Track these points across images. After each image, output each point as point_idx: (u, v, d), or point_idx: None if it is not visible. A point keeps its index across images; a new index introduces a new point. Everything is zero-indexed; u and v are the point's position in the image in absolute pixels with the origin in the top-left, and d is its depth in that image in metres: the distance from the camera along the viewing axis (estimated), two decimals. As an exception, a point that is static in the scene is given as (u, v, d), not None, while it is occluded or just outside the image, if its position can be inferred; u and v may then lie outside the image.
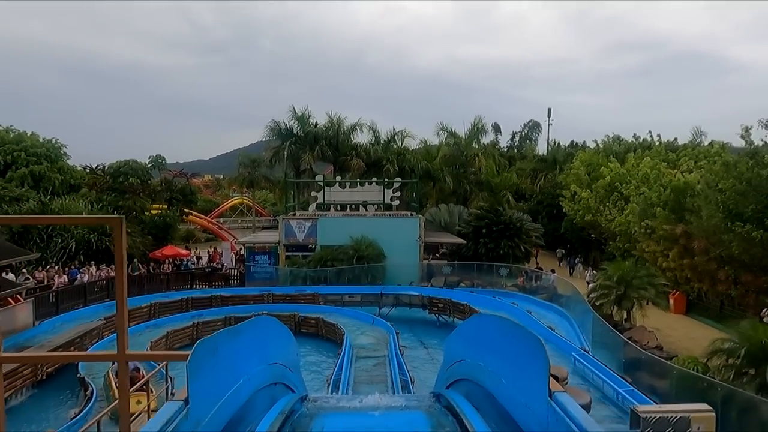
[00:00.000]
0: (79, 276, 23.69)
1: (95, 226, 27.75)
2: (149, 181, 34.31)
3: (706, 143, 37.87)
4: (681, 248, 23.69)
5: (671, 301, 24.72)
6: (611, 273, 20.22)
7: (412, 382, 13.76)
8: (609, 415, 11.85)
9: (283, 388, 4.17)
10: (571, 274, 32.44)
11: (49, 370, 16.00)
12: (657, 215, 25.15)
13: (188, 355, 2.57)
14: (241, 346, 2.85)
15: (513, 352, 2.74)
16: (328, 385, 13.50)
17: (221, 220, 64.68)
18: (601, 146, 41.87)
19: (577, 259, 33.93)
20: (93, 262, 26.21)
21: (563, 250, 41.88)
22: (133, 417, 9.28)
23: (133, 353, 2.60)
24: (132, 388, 9.34)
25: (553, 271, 29.08)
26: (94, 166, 35.38)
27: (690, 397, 12.25)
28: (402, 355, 16.06)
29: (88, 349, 17.56)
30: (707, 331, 22.55)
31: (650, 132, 40.35)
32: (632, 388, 12.17)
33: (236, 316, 21.52)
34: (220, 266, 31.43)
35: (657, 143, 38.23)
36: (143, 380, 9.26)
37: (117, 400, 9.27)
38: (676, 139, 39.64)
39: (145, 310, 21.92)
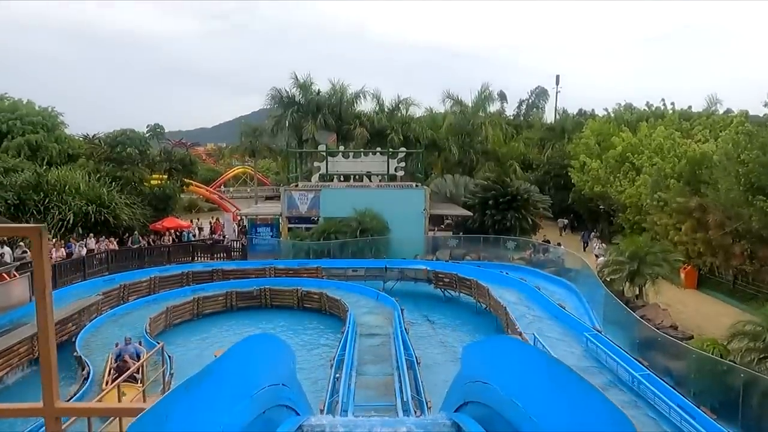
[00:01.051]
0: (76, 249, 23.19)
1: (93, 198, 27.18)
2: (148, 151, 33.50)
3: (721, 111, 36.70)
4: (695, 222, 22.96)
5: (682, 276, 24.13)
6: (624, 248, 19.55)
7: (418, 363, 13.33)
8: (625, 400, 11.35)
9: (277, 410, 3.57)
10: (584, 249, 31.57)
11: (46, 347, 15.63)
12: (670, 187, 24.33)
13: (136, 411, 1.92)
14: (207, 394, 2.22)
15: (580, 420, 2.12)
16: (332, 365, 13.08)
17: (226, 189, 64.08)
18: (612, 115, 40.66)
19: (592, 233, 32.91)
20: (92, 234, 25.71)
21: (566, 221, 41.28)
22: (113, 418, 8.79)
23: (65, 406, 1.93)
24: (120, 379, 8.88)
25: (559, 244, 28.45)
26: (92, 136, 34.62)
27: (709, 381, 11.76)
28: (407, 332, 15.62)
29: (86, 324, 17.18)
30: (719, 306, 22.06)
31: (663, 100, 39.10)
32: (648, 372, 11.64)
33: (237, 291, 21.12)
34: (222, 238, 30.97)
35: (670, 112, 37.04)
36: (131, 370, 8.74)
37: (103, 393, 8.75)
38: (690, 107, 38.41)
39: (144, 284, 21.46)
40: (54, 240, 24.17)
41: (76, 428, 8.94)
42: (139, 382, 10.16)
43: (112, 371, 10.81)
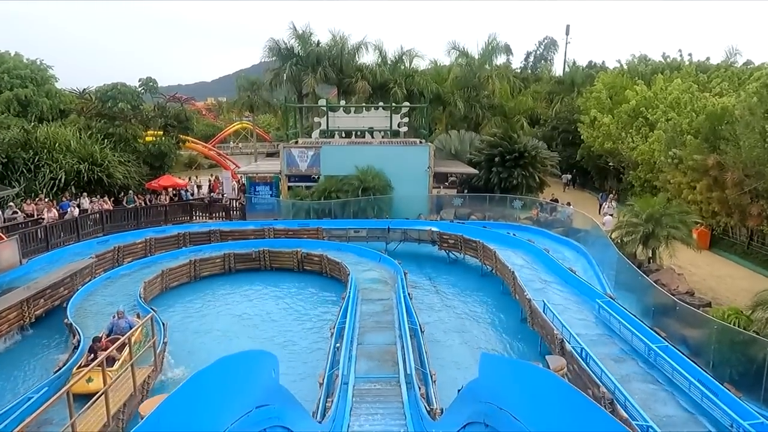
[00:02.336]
0: (69, 209, 22.45)
1: (84, 156, 26.23)
2: (141, 106, 32.22)
3: (740, 63, 34.97)
4: (711, 180, 21.96)
5: (695, 236, 23.33)
6: (639, 209, 18.64)
7: (422, 331, 12.76)
8: (637, 371, 10.77)
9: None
10: (600, 213, 30.53)
11: (37, 312, 15.13)
12: (687, 144, 23.19)
13: None
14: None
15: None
16: (332, 334, 12.52)
17: (234, 144, 62.89)
18: (626, 67, 38.89)
19: (610, 195, 31.63)
20: (85, 194, 24.94)
21: (569, 176, 40.31)
22: (91, 402, 8.14)
23: None
24: (93, 364, 8.21)
25: (569, 203, 27.55)
26: (82, 90, 33.32)
27: (728, 352, 11.14)
28: (411, 298, 14.99)
29: (79, 289, 16.62)
30: (733, 268, 21.39)
31: (680, 51, 37.32)
32: (666, 343, 11.00)
33: (236, 253, 20.48)
34: (220, 196, 30.18)
35: (687, 63, 35.31)
36: (103, 356, 8.06)
37: (71, 382, 8.07)
38: (708, 58, 36.64)
39: (139, 246, 20.84)
40: (46, 200, 23.45)
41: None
42: (118, 361, 9.55)
43: (87, 355, 10.13)
